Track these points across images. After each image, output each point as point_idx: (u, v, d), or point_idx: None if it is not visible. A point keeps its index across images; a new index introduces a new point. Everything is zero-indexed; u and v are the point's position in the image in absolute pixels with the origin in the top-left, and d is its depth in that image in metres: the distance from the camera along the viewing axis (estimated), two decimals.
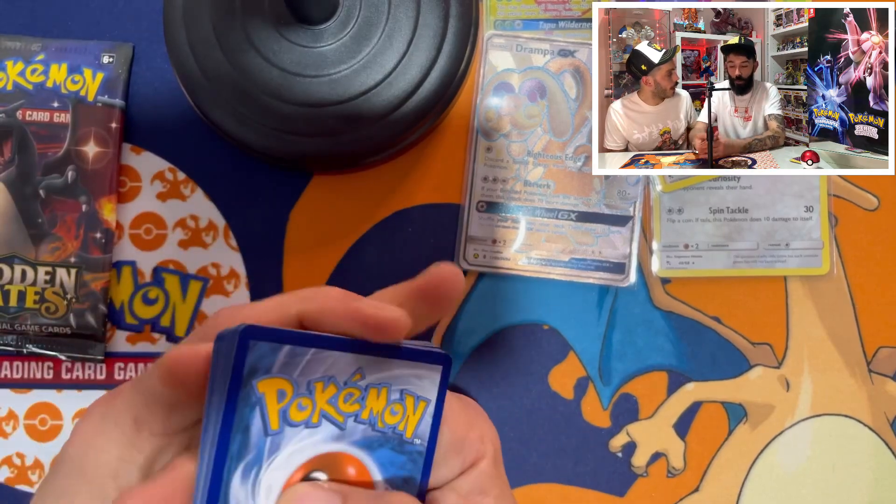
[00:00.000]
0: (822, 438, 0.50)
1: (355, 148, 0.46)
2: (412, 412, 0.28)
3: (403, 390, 0.28)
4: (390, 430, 0.28)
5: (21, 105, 0.49)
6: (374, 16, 0.46)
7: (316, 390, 0.26)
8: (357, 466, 0.27)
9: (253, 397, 0.25)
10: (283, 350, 0.25)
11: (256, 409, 0.25)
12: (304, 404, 0.26)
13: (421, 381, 0.28)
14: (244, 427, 0.25)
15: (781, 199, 0.50)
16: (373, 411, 0.27)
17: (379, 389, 0.27)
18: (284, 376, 0.25)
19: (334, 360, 0.26)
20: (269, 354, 0.25)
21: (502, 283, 0.50)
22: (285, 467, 0.26)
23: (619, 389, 0.50)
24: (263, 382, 0.25)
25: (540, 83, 0.50)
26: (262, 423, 0.25)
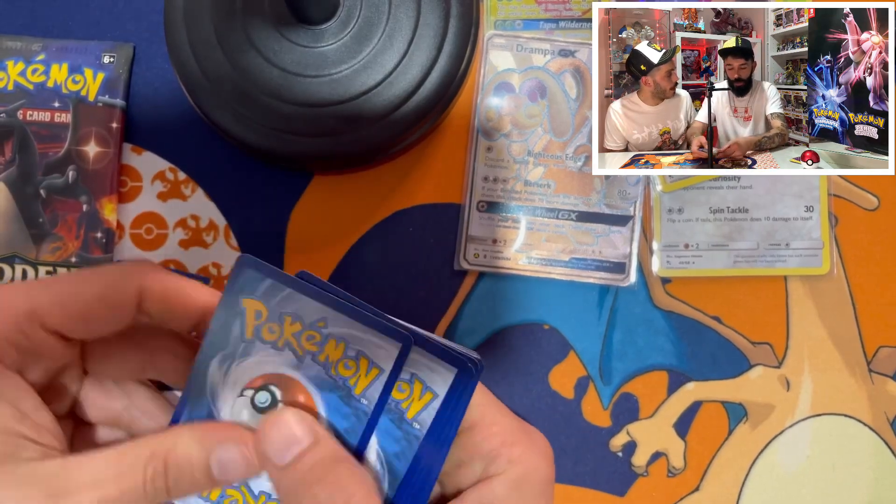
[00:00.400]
0: (822, 438, 0.50)
1: (355, 148, 0.46)
2: (364, 373, 0.32)
3: (360, 351, 0.32)
4: (341, 381, 0.32)
5: (22, 105, 0.49)
6: (375, 16, 0.46)
7: (285, 322, 0.32)
8: (306, 396, 0.32)
9: (238, 308, 0.32)
10: (266, 282, 0.32)
11: (238, 318, 0.32)
12: (274, 329, 0.32)
13: (379, 350, 0.32)
14: (227, 327, 0.32)
15: (781, 199, 0.50)
16: (328, 358, 0.32)
17: (337, 341, 0.32)
18: (263, 301, 0.32)
19: (305, 304, 0.32)
20: (256, 281, 0.32)
21: (502, 283, 0.50)
22: (251, 370, 0.32)
23: (619, 389, 0.50)
24: (248, 300, 0.32)
25: (540, 83, 0.50)
26: (241, 329, 0.32)
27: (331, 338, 0.32)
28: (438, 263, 0.50)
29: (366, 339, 0.32)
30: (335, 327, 0.32)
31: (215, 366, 0.32)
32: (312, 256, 0.50)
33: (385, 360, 0.32)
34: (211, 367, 0.32)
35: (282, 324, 0.32)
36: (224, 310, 0.32)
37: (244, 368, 0.32)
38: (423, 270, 0.50)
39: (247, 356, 0.32)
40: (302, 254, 0.50)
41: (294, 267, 0.50)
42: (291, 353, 0.32)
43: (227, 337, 0.32)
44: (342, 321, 0.32)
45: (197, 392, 0.33)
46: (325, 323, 0.32)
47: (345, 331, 0.32)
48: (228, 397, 0.32)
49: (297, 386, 0.32)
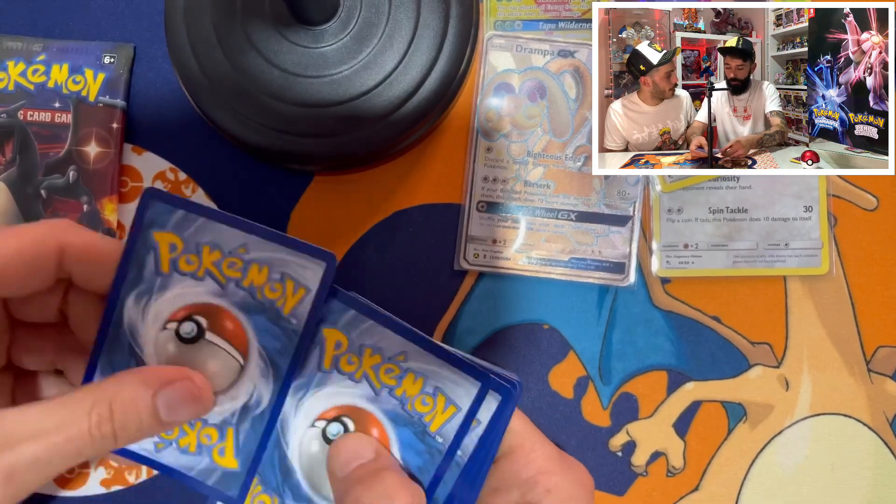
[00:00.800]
0: (821, 438, 0.50)
1: (355, 148, 0.46)
2: (291, 294, 0.32)
3: (285, 273, 0.31)
4: (268, 303, 0.32)
5: (22, 105, 0.50)
6: (375, 17, 0.46)
7: (203, 252, 0.31)
8: (234, 322, 0.32)
9: (149, 243, 0.31)
10: (177, 212, 0.31)
11: (151, 252, 0.31)
12: (191, 260, 0.31)
13: (304, 270, 0.31)
14: (139, 264, 0.31)
15: (781, 199, 0.50)
16: (253, 283, 0.32)
17: (260, 266, 0.31)
18: (176, 233, 0.31)
19: (222, 232, 0.31)
20: (165, 213, 0.31)
21: (502, 283, 0.50)
22: (172, 303, 0.32)
23: (618, 389, 0.50)
24: (159, 234, 0.31)
25: (540, 83, 0.50)
26: (155, 264, 0.31)
27: (253, 262, 0.31)
28: (438, 263, 0.50)
29: (289, 261, 0.31)
30: (257, 252, 0.31)
31: (131, 303, 0.32)
32: None
33: (310, 279, 0.32)
34: (126, 305, 0.32)
35: (199, 254, 0.31)
36: (134, 246, 0.31)
37: (164, 302, 0.32)
38: (423, 270, 0.50)
39: (165, 290, 0.32)
40: None
41: None
42: (213, 282, 0.32)
43: (140, 273, 0.32)
44: (263, 245, 0.31)
45: (114, 331, 0.32)
46: (246, 249, 0.31)
47: (267, 255, 0.31)
48: (150, 332, 0.32)
49: (223, 313, 0.32)
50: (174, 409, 0.31)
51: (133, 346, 0.32)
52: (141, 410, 0.30)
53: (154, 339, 0.32)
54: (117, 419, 0.30)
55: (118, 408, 0.30)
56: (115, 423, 0.30)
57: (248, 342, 0.32)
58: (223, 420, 0.33)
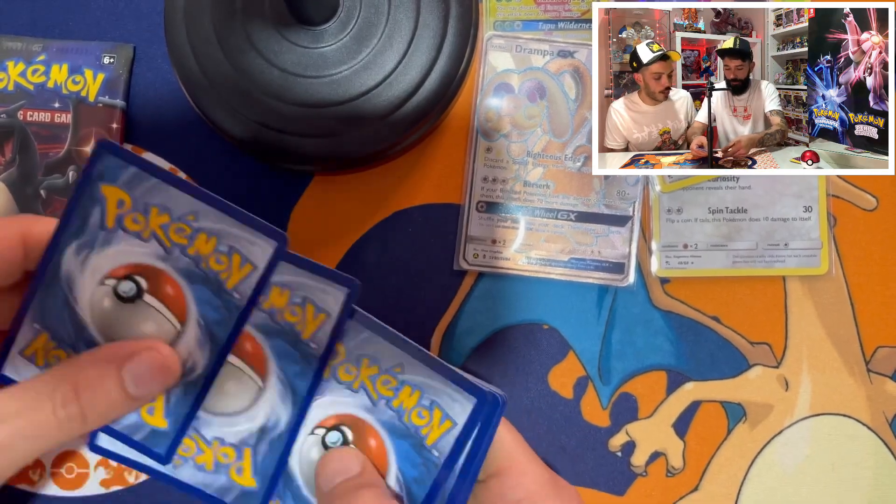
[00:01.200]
0: (820, 438, 0.50)
1: (355, 148, 0.46)
2: (237, 268, 0.31)
3: (232, 247, 0.31)
4: (212, 274, 0.31)
5: (22, 105, 0.50)
6: (374, 17, 0.46)
7: (151, 213, 0.31)
8: (175, 288, 0.31)
9: (96, 195, 0.30)
10: (129, 169, 0.30)
11: (97, 206, 0.31)
12: (138, 219, 0.31)
13: (252, 246, 0.31)
14: (84, 215, 0.31)
15: (780, 200, 0.50)
16: (199, 252, 0.31)
17: (208, 236, 0.31)
18: (125, 190, 0.30)
19: (173, 196, 0.31)
20: (117, 168, 0.30)
21: (502, 283, 0.50)
22: (113, 259, 0.31)
23: (618, 389, 0.50)
24: (107, 188, 0.30)
25: (539, 84, 0.50)
26: (100, 219, 0.31)
27: (201, 231, 0.31)
28: (438, 263, 0.50)
29: (239, 235, 0.31)
30: (206, 222, 0.31)
31: (71, 253, 0.31)
32: (312, 256, 0.50)
33: (259, 257, 0.31)
34: (66, 254, 0.31)
35: (147, 214, 0.31)
36: (81, 197, 0.31)
37: (105, 257, 0.31)
38: (423, 270, 0.50)
39: (107, 245, 0.31)
40: (302, 253, 0.50)
41: None
42: (158, 245, 0.31)
43: (83, 225, 0.31)
44: (215, 216, 0.31)
45: (50, 278, 0.31)
46: (196, 217, 0.31)
47: (217, 226, 0.31)
48: (87, 285, 0.31)
49: (164, 277, 0.32)
50: (143, 382, 0.30)
51: (68, 296, 0.32)
52: (108, 387, 0.30)
53: (91, 292, 0.32)
54: (84, 398, 0.29)
55: (83, 385, 0.29)
56: (83, 402, 0.29)
57: (186, 309, 0.32)
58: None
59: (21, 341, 0.32)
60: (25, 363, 0.32)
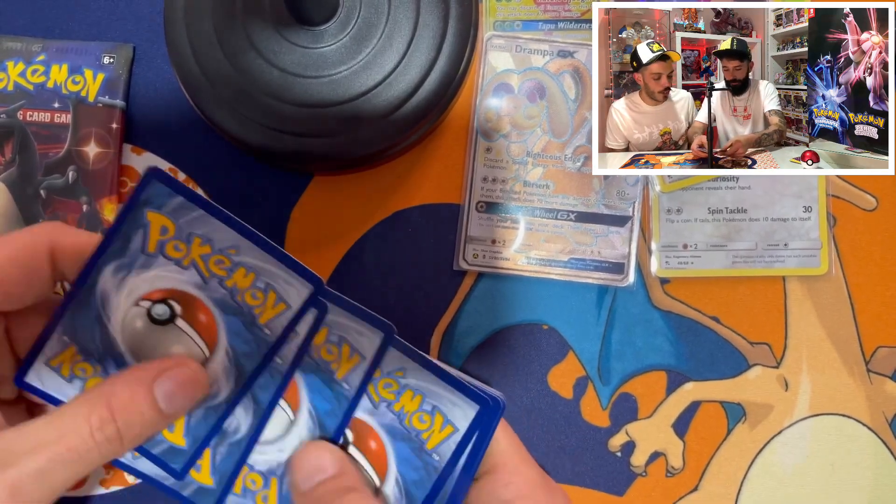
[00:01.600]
0: (820, 438, 0.50)
1: (355, 148, 0.46)
2: (271, 306, 0.32)
3: (269, 284, 0.32)
4: (247, 308, 0.32)
5: (22, 105, 0.50)
6: (374, 17, 0.46)
7: (193, 242, 0.31)
8: (208, 316, 0.32)
9: (141, 220, 0.31)
10: (177, 199, 0.31)
11: (141, 230, 0.31)
12: (180, 247, 0.31)
13: (289, 287, 0.32)
14: (126, 237, 0.31)
15: (780, 200, 0.50)
16: (236, 285, 0.32)
17: (247, 271, 0.31)
18: (171, 217, 0.31)
19: (217, 228, 0.31)
20: (164, 195, 0.31)
21: (502, 283, 0.50)
22: (150, 283, 0.32)
23: (618, 389, 0.50)
24: (153, 214, 0.31)
25: (539, 84, 0.50)
26: (142, 242, 0.31)
27: (241, 266, 0.32)
28: (438, 263, 0.50)
29: (277, 274, 0.32)
30: (247, 257, 0.31)
31: (109, 272, 0.32)
32: (312, 256, 0.50)
33: (294, 297, 0.32)
34: (104, 273, 0.32)
35: (189, 243, 0.31)
36: (125, 219, 0.31)
37: (142, 280, 0.32)
38: (423, 270, 0.50)
39: (146, 269, 0.32)
40: (302, 254, 0.50)
41: None
42: (196, 274, 0.32)
43: (125, 247, 0.31)
44: (255, 253, 0.31)
45: (84, 295, 0.32)
46: (238, 251, 0.31)
47: (256, 262, 0.31)
48: (121, 305, 0.32)
49: (199, 305, 0.32)
50: (174, 398, 0.31)
51: (101, 313, 0.32)
52: (142, 406, 0.30)
53: (124, 312, 0.32)
54: (119, 419, 0.30)
55: (117, 406, 0.30)
56: (119, 424, 0.29)
57: (217, 338, 0.32)
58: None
59: (48, 351, 0.32)
60: (50, 373, 0.33)
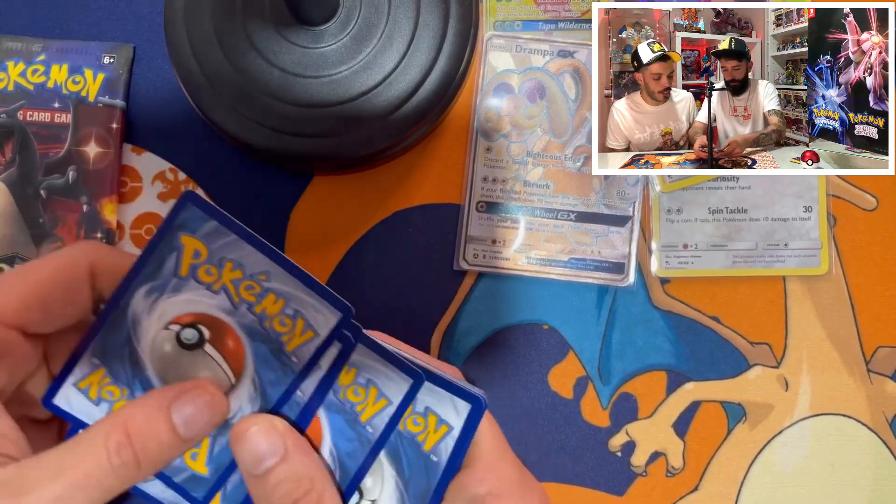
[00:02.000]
0: (820, 438, 0.50)
1: (355, 148, 0.46)
2: (299, 333, 0.32)
3: (298, 311, 0.32)
4: (274, 335, 0.32)
5: (22, 105, 0.50)
6: (374, 17, 0.46)
7: (225, 267, 0.31)
8: (236, 342, 0.32)
9: (175, 243, 0.31)
10: (210, 223, 0.31)
11: (174, 253, 0.31)
12: (212, 272, 0.31)
13: (318, 315, 0.32)
14: (160, 260, 0.31)
15: (780, 200, 0.50)
16: (265, 311, 0.32)
17: (277, 297, 0.32)
18: (204, 241, 0.31)
19: (249, 253, 0.31)
20: (198, 220, 0.31)
21: (502, 283, 0.50)
22: (181, 306, 0.32)
23: (618, 389, 0.50)
24: (186, 238, 0.31)
25: (539, 84, 0.50)
26: (175, 266, 0.32)
27: (270, 292, 0.31)
28: (438, 263, 0.50)
29: (307, 301, 0.31)
30: (277, 283, 0.31)
31: (141, 295, 0.32)
32: (312, 256, 0.50)
33: (322, 325, 0.32)
34: (136, 295, 0.32)
35: (221, 268, 0.31)
36: (159, 242, 0.31)
37: (173, 303, 0.32)
38: (423, 270, 0.50)
39: (178, 292, 0.32)
40: (302, 254, 0.50)
41: None
42: (227, 299, 0.32)
43: (158, 270, 0.32)
44: (285, 279, 0.31)
45: (116, 317, 0.32)
46: (268, 277, 0.31)
47: (287, 289, 0.31)
48: (152, 328, 0.32)
49: (227, 330, 0.32)
50: (192, 422, 0.30)
51: (131, 335, 0.32)
52: (160, 430, 0.30)
53: (154, 335, 0.32)
54: (136, 444, 0.29)
55: (135, 431, 0.29)
56: (136, 448, 0.29)
57: (243, 365, 0.32)
58: None
59: (78, 373, 0.32)
60: (78, 395, 0.33)
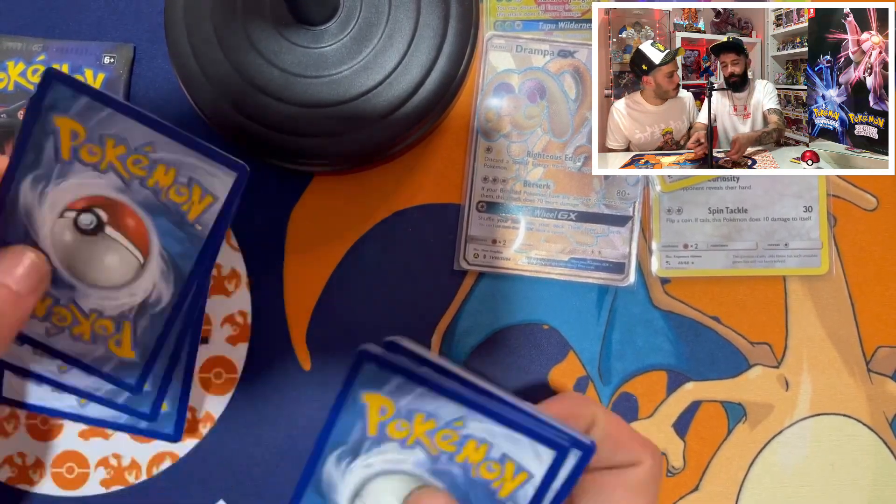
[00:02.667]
0: (821, 438, 0.50)
1: (355, 148, 0.46)
2: (198, 200, 0.31)
3: (192, 178, 0.31)
4: (173, 206, 0.31)
5: (22, 105, 0.50)
6: (375, 16, 0.46)
7: (107, 144, 0.30)
8: (136, 220, 0.31)
9: (49, 127, 0.29)
10: (81, 100, 0.29)
11: (51, 137, 0.29)
12: (94, 151, 0.30)
13: (213, 178, 0.31)
14: (38, 147, 0.29)
15: (780, 200, 0.50)
16: (158, 183, 0.30)
17: (167, 168, 0.30)
18: (79, 121, 0.29)
19: (130, 126, 0.30)
20: (69, 98, 0.29)
21: (502, 283, 0.50)
22: (71, 192, 0.30)
23: (618, 389, 0.50)
24: (60, 119, 0.29)
25: (540, 84, 0.50)
26: (55, 150, 0.30)
27: (160, 163, 0.30)
28: (438, 263, 0.50)
29: (198, 166, 0.30)
30: (164, 153, 0.30)
31: (27, 186, 0.31)
32: (312, 256, 0.50)
33: (220, 188, 0.31)
34: (22, 187, 0.30)
35: (103, 146, 0.30)
36: (32, 128, 0.30)
37: (63, 190, 0.31)
38: (423, 270, 0.50)
39: (64, 178, 0.31)
40: (302, 254, 0.50)
41: (294, 267, 0.50)
42: (116, 177, 0.31)
43: (39, 157, 0.30)
44: (172, 147, 0.30)
45: (9, 211, 0.31)
46: (154, 148, 0.30)
47: (175, 157, 0.30)
48: (47, 218, 0.31)
49: (125, 210, 0.31)
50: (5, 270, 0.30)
51: (28, 229, 0.31)
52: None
53: (51, 225, 0.31)
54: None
55: None
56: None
57: (149, 242, 0.31)
58: (120, 314, 0.32)
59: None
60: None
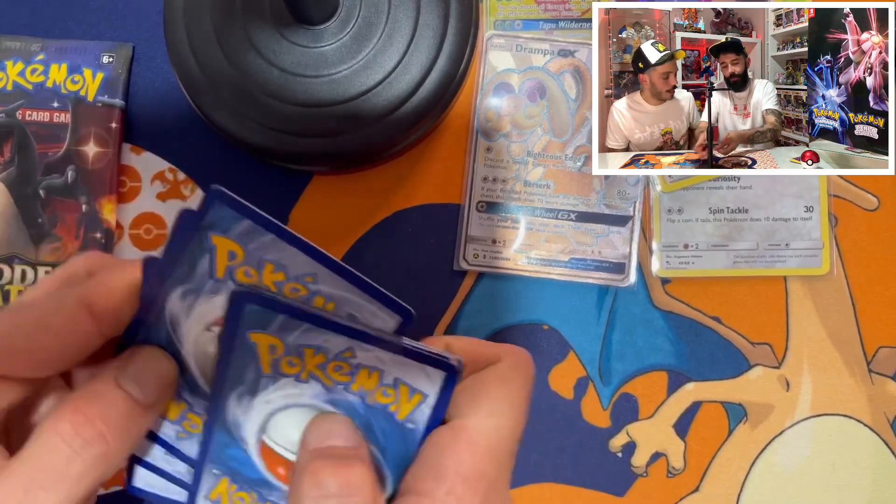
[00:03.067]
0: (821, 438, 0.50)
1: (355, 148, 0.46)
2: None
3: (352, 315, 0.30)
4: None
5: (21, 105, 0.49)
6: (374, 16, 0.46)
7: (265, 268, 0.29)
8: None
9: (206, 244, 0.28)
10: (243, 223, 0.28)
11: (207, 254, 0.29)
12: (251, 273, 0.29)
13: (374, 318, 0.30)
14: (192, 262, 0.29)
15: (781, 200, 0.50)
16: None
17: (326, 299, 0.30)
18: (238, 242, 0.29)
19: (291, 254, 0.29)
20: (228, 219, 0.28)
21: (502, 283, 0.50)
22: (221, 308, 0.30)
23: (618, 389, 0.50)
24: (218, 238, 0.28)
25: (540, 83, 0.50)
26: (210, 267, 0.29)
27: (318, 294, 0.29)
28: (438, 263, 0.50)
29: (359, 303, 0.30)
30: (324, 285, 0.29)
31: (176, 297, 0.30)
32: None
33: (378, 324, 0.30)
34: (172, 296, 0.30)
35: (261, 270, 0.29)
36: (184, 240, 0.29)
37: (212, 305, 0.30)
38: (423, 270, 0.50)
39: (215, 294, 0.30)
40: None
41: None
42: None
43: (192, 272, 0.29)
44: (333, 281, 0.29)
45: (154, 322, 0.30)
46: (314, 279, 0.29)
47: (335, 291, 0.29)
48: (192, 329, 0.31)
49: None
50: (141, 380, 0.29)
51: (172, 337, 0.31)
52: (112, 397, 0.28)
53: (195, 337, 0.31)
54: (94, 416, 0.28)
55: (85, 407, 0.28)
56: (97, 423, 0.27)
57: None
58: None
59: None
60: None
